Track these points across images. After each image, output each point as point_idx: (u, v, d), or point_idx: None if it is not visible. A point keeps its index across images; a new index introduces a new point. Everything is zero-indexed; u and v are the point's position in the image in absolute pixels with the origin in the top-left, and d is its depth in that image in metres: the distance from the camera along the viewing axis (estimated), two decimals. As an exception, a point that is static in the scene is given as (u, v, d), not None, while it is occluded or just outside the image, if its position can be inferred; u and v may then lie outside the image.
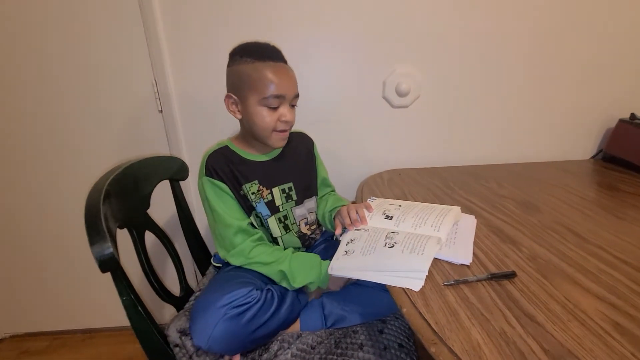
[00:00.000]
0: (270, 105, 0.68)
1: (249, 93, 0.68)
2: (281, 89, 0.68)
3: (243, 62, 0.68)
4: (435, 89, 1.06)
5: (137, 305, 0.51)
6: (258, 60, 0.67)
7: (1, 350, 1.34)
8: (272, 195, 0.77)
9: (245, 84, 0.68)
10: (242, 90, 0.69)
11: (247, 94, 0.68)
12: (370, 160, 1.13)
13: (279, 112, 0.70)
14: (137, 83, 1.04)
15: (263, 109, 0.68)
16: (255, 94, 0.67)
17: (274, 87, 0.67)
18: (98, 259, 0.43)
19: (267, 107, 0.68)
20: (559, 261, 0.56)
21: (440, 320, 0.43)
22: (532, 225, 0.69)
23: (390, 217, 0.67)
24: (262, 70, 0.66)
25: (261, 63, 0.67)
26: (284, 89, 0.68)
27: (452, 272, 0.53)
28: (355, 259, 0.58)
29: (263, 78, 0.66)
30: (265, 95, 0.67)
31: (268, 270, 0.70)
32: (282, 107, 0.70)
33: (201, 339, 0.56)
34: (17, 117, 1.07)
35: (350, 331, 0.67)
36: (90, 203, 0.47)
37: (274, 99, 0.68)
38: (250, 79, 0.67)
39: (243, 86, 0.68)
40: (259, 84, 0.67)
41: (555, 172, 1.02)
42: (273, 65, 0.68)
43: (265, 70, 0.66)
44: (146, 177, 0.70)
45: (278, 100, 0.68)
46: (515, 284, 0.50)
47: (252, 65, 0.67)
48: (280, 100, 0.69)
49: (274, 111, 0.69)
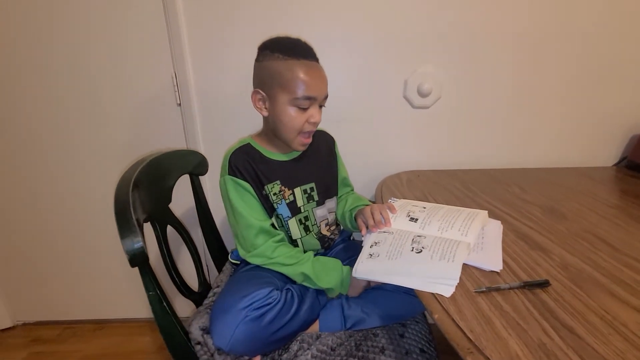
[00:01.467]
0: (301, 105, 0.66)
1: (279, 91, 0.66)
2: (313, 90, 0.66)
3: (275, 58, 0.65)
4: (457, 91, 1.04)
5: (162, 300, 0.50)
6: (291, 57, 0.65)
7: (13, 338, 1.35)
8: (294, 195, 0.75)
9: (276, 82, 0.65)
10: (272, 88, 0.66)
11: (277, 91, 0.66)
12: (388, 161, 1.12)
13: (309, 112, 0.68)
14: (157, 75, 1.04)
15: (292, 109, 0.67)
16: (286, 93, 0.65)
17: (305, 88, 0.65)
18: (128, 253, 0.42)
19: (297, 108, 0.67)
20: (592, 271, 0.54)
21: (475, 328, 0.42)
22: (560, 232, 0.67)
23: (415, 219, 0.66)
24: (295, 69, 0.64)
25: (294, 61, 0.65)
26: (316, 91, 0.66)
27: (483, 279, 0.52)
28: (381, 263, 0.56)
29: (296, 77, 0.64)
30: (296, 95, 0.65)
31: (289, 271, 0.69)
32: (312, 108, 0.68)
33: (222, 341, 0.55)
34: (43, 108, 1.08)
35: (370, 334, 0.66)
36: (119, 195, 0.46)
37: (305, 100, 0.66)
38: (282, 77, 0.65)
39: (273, 83, 0.66)
40: (291, 84, 0.64)
41: (578, 179, 1.00)
42: (306, 64, 0.65)
43: (298, 70, 0.64)
44: (169, 171, 0.70)
45: (309, 101, 0.66)
46: (550, 294, 0.48)
47: (284, 63, 0.65)
48: (311, 101, 0.67)
49: (303, 112, 0.67)
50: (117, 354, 1.24)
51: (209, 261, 1.12)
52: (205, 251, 0.89)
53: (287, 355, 0.62)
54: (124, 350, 1.26)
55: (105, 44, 1.01)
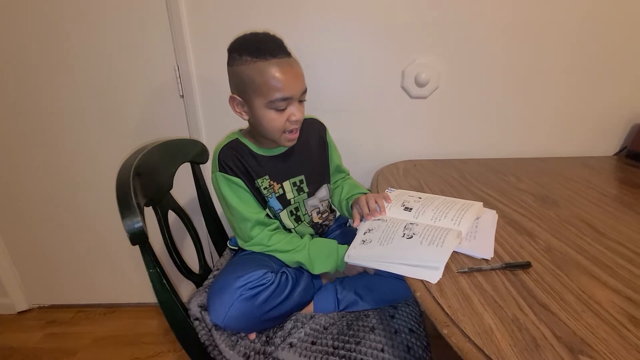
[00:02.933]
0: (278, 107, 0.65)
1: (253, 96, 0.64)
2: (288, 89, 0.63)
3: (243, 61, 0.63)
4: (455, 81, 1.05)
5: (162, 278, 0.54)
6: (259, 59, 0.62)
7: (30, 320, 1.43)
8: (283, 189, 0.76)
9: (249, 87, 0.64)
10: (246, 93, 0.65)
11: (251, 96, 0.65)
12: (385, 150, 1.13)
13: (288, 112, 0.66)
14: (160, 67, 1.06)
15: (270, 112, 0.65)
16: (261, 98, 0.64)
17: (280, 89, 0.63)
18: (129, 232, 0.45)
19: (275, 110, 0.65)
20: (576, 254, 0.55)
21: (453, 304, 0.44)
22: (550, 219, 0.68)
23: (409, 208, 0.67)
24: (265, 72, 0.62)
25: (263, 62, 0.62)
26: (290, 90, 0.64)
27: (467, 261, 0.54)
28: (372, 249, 0.58)
29: (267, 81, 0.62)
30: (271, 98, 0.63)
31: (286, 258, 0.72)
32: (290, 107, 0.66)
33: (218, 317, 0.59)
34: (51, 101, 1.12)
35: (362, 315, 0.69)
36: (121, 179, 0.50)
37: (282, 101, 0.64)
38: (254, 81, 0.63)
39: (247, 89, 0.64)
40: (264, 88, 0.62)
41: (576, 168, 1.00)
42: (276, 62, 0.62)
43: (268, 72, 0.62)
44: (170, 158, 0.73)
45: (285, 102, 0.64)
46: (530, 274, 0.50)
47: (253, 66, 0.62)
48: (288, 101, 0.65)
49: (281, 112, 0.66)
50: (126, 335, 1.30)
51: (211, 246, 1.16)
52: (207, 237, 0.93)
53: (281, 332, 0.65)
54: (133, 332, 1.32)
55: (108, 37, 1.03)
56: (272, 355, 0.61)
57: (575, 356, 0.36)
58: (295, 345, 0.62)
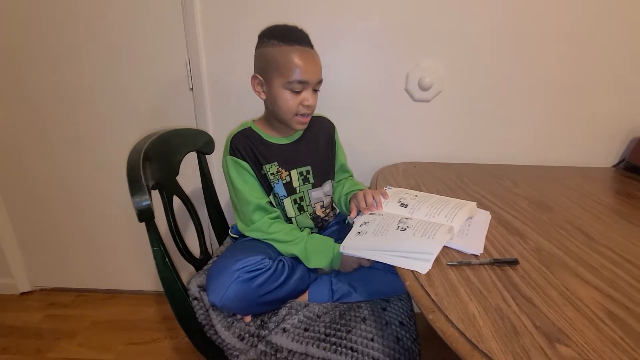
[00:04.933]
0: (294, 89, 0.71)
1: (274, 76, 0.71)
2: (306, 74, 0.70)
3: (270, 44, 0.70)
4: (458, 86, 1.07)
5: (164, 256, 0.56)
6: (285, 43, 0.69)
7: (32, 301, 1.46)
8: (290, 177, 0.80)
9: (272, 67, 0.70)
10: (268, 73, 0.71)
11: (272, 76, 0.71)
12: (387, 151, 1.16)
13: (302, 96, 0.72)
14: (172, 61, 1.10)
15: (286, 92, 0.71)
16: (281, 77, 0.70)
17: (298, 72, 0.69)
18: (137, 208, 0.48)
19: (291, 91, 0.71)
20: (563, 255, 0.57)
21: (440, 293, 0.47)
22: (542, 222, 0.70)
23: (405, 205, 0.70)
24: (289, 55, 0.69)
25: (288, 47, 0.69)
26: (308, 75, 0.70)
27: (457, 256, 0.56)
28: (367, 240, 0.61)
29: (289, 62, 0.69)
30: (290, 79, 0.70)
31: (283, 249, 0.74)
32: (305, 91, 0.72)
33: (216, 297, 0.61)
34: (61, 89, 1.16)
35: (354, 306, 0.71)
36: (132, 160, 0.53)
37: (298, 83, 0.70)
38: (277, 62, 0.70)
39: (269, 68, 0.71)
40: (285, 68, 0.69)
41: (573, 177, 1.02)
42: (299, 49, 0.70)
43: (291, 55, 0.69)
44: (177, 146, 0.76)
45: (302, 85, 0.71)
46: (517, 271, 0.52)
47: (279, 49, 0.69)
48: (304, 85, 0.71)
49: (297, 95, 0.72)
50: (124, 321, 1.33)
51: (212, 234, 1.18)
52: (209, 225, 0.96)
53: (276, 318, 0.67)
54: (131, 318, 1.34)
55: (123, 30, 1.07)
56: (266, 339, 0.64)
57: (552, 344, 0.38)
58: (289, 330, 0.65)
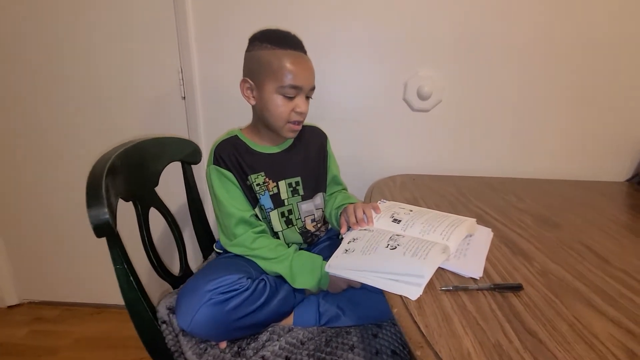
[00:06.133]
0: (287, 94, 0.68)
1: (266, 80, 0.68)
2: (299, 79, 0.67)
3: (263, 47, 0.68)
4: (458, 95, 1.02)
5: (129, 275, 0.51)
6: (279, 47, 0.67)
7: (17, 315, 1.41)
8: (277, 188, 0.76)
9: (264, 70, 0.67)
10: (259, 77, 0.68)
11: (264, 80, 0.68)
12: (384, 163, 1.10)
13: (295, 102, 0.69)
14: (164, 69, 1.07)
15: (278, 97, 0.68)
16: (273, 82, 0.67)
17: (292, 77, 0.66)
18: (94, 222, 0.43)
19: (283, 96, 0.68)
20: (573, 279, 0.51)
21: (431, 324, 0.41)
22: (549, 241, 0.64)
23: (398, 220, 0.64)
24: (283, 59, 0.66)
25: (282, 51, 0.67)
26: (302, 80, 0.68)
27: (453, 279, 0.50)
28: (354, 258, 0.55)
29: (282, 66, 0.66)
30: (282, 84, 0.66)
31: (266, 266, 0.69)
32: (298, 97, 0.69)
33: (184, 321, 0.56)
34: (51, 102, 1.14)
35: (343, 331, 0.65)
36: (94, 171, 0.49)
37: (291, 88, 0.67)
38: (269, 65, 0.66)
39: (261, 72, 0.68)
40: (278, 72, 0.66)
41: (583, 191, 0.95)
42: (293, 54, 0.67)
43: (285, 59, 0.66)
44: (157, 156, 0.72)
45: (295, 90, 0.68)
46: (521, 298, 0.46)
47: (272, 52, 0.67)
48: (297, 90, 0.68)
49: (289, 101, 0.69)
50: (110, 338, 1.27)
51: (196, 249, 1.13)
52: (194, 239, 0.91)
53: (255, 344, 0.61)
54: (117, 335, 1.29)
55: (116, 38, 1.06)
56: (242, 368, 0.58)
57: (562, 392, 0.32)
58: (268, 358, 0.58)
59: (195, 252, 0.92)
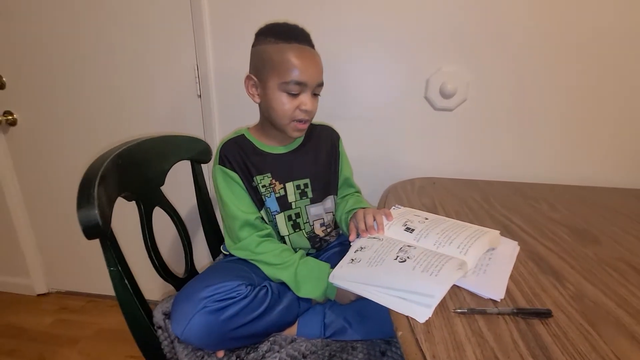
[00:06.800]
0: (291, 91, 0.64)
1: (269, 76, 0.64)
2: (304, 75, 0.63)
3: (267, 42, 0.65)
4: (485, 93, 0.95)
5: (124, 277, 0.50)
6: (282, 41, 0.63)
7: (45, 303, 1.48)
8: (285, 190, 0.72)
9: (267, 66, 0.64)
10: (263, 72, 0.65)
11: (267, 76, 0.65)
12: (403, 165, 1.04)
13: (300, 99, 0.65)
14: (180, 67, 1.07)
15: (282, 95, 0.64)
16: (276, 77, 0.64)
17: (296, 72, 0.63)
18: (83, 224, 0.42)
19: (287, 93, 0.64)
20: (614, 306, 0.44)
21: (440, 354, 0.36)
22: (586, 258, 0.56)
23: (411, 229, 0.59)
24: (285, 53, 0.62)
25: (285, 44, 0.63)
26: (306, 76, 0.64)
27: (470, 300, 0.45)
28: (359, 269, 0.51)
29: (285, 61, 0.62)
30: (286, 79, 0.63)
31: (270, 272, 0.66)
32: (303, 94, 0.65)
33: (178, 329, 0.54)
34: (70, 100, 1.17)
35: (348, 346, 0.61)
36: (88, 172, 0.48)
37: (295, 85, 0.63)
38: (272, 60, 0.63)
39: (264, 68, 0.65)
40: (281, 67, 0.63)
41: (625, 200, 0.85)
42: (298, 48, 0.64)
43: (288, 53, 0.62)
44: (165, 154, 0.71)
45: (299, 87, 0.64)
46: (549, 326, 0.40)
47: (275, 46, 0.63)
48: (302, 87, 0.64)
49: (294, 98, 0.65)
50: (127, 331, 1.29)
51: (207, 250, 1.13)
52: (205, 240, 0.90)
53: (254, 354, 0.58)
54: (134, 329, 1.31)
55: (131, 36, 1.07)
56: (240, 379, 0.55)
57: None
58: (267, 371, 0.55)
59: (208, 253, 0.91)
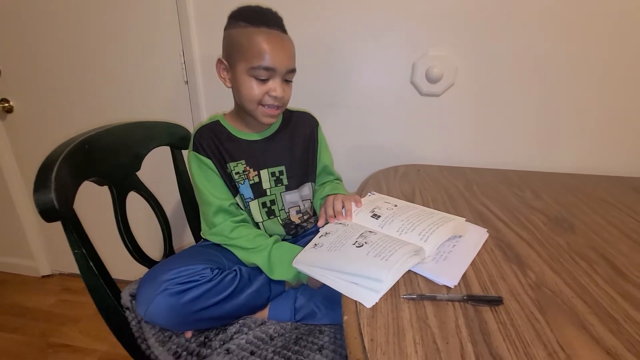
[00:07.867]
0: (259, 76, 0.63)
1: (238, 60, 0.63)
2: (272, 60, 0.62)
3: (237, 25, 0.63)
4: (473, 78, 0.91)
5: (88, 260, 0.51)
6: (251, 25, 0.62)
7: (49, 284, 1.54)
8: (259, 177, 0.72)
9: (236, 50, 0.63)
10: (233, 57, 0.64)
11: (236, 61, 0.64)
12: (388, 152, 1.03)
13: (269, 85, 0.64)
14: (166, 53, 1.06)
15: (251, 80, 0.63)
16: (245, 62, 0.62)
17: (264, 58, 0.61)
18: (38, 207, 0.43)
19: (256, 79, 0.63)
20: (573, 296, 0.43)
21: (379, 338, 0.36)
22: (557, 247, 0.55)
23: (377, 216, 0.58)
24: (253, 37, 0.61)
25: (254, 29, 0.62)
26: (275, 61, 0.62)
27: (424, 286, 0.44)
28: (320, 254, 0.51)
29: (253, 46, 0.61)
30: (254, 65, 0.62)
31: (244, 257, 0.67)
32: (272, 80, 0.64)
33: (141, 309, 0.55)
34: (55, 86, 1.18)
35: (316, 330, 0.62)
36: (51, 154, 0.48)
37: (263, 70, 0.62)
38: (241, 45, 0.62)
39: (234, 52, 0.64)
40: (249, 52, 0.61)
41: (617, 189, 0.82)
42: (267, 32, 0.62)
43: (256, 38, 0.61)
44: (140, 140, 0.71)
45: (268, 72, 0.63)
46: (497, 314, 0.39)
47: (244, 30, 0.62)
48: (271, 72, 0.63)
49: (262, 83, 0.64)
50: (124, 312, 1.35)
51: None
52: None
53: (222, 335, 0.60)
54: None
55: (115, 22, 1.06)
56: (207, 359, 0.56)
57: None
58: (233, 352, 0.57)
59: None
